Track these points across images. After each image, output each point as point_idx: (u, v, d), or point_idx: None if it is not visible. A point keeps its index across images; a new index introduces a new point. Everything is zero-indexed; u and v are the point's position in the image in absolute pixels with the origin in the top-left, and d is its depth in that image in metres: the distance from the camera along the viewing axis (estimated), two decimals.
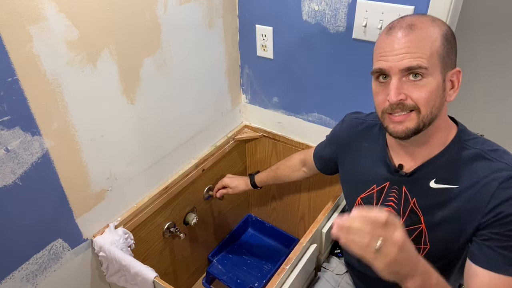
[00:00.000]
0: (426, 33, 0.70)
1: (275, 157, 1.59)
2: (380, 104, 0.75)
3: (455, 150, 0.77)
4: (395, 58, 0.70)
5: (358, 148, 0.94)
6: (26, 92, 0.82)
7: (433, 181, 0.79)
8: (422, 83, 0.70)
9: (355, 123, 0.98)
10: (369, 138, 0.92)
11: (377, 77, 0.75)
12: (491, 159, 0.73)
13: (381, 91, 0.75)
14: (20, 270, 0.95)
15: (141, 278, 1.00)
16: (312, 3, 1.16)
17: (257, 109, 1.53)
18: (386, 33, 0.73)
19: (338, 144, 1.02)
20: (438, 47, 0.70)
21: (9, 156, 0.84)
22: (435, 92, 0.71)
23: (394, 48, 0.70)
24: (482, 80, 1.80)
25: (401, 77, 0.71)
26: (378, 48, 0.74)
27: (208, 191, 1.51)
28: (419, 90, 0.70)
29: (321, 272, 1.17)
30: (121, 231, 1.11)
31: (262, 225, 1.83)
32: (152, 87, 1.12)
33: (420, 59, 0.68)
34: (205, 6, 1.20)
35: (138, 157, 1.17)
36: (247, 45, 1.40)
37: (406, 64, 0.69)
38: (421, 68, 0.69)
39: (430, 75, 0.70)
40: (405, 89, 0.71)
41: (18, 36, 0.78)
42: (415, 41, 0.69)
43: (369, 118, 0.96)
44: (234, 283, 1.57)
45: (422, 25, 0.70)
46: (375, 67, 0.74)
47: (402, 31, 0.70)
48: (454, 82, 0.75)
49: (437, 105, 0.72)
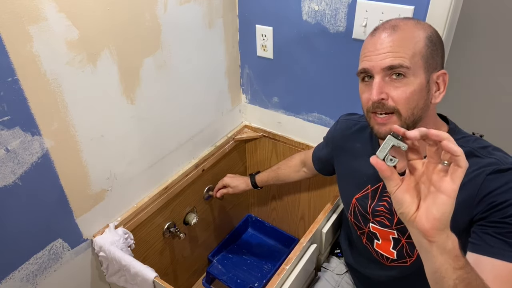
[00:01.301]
0: (409, 33, 0.72)
1: (275, 157, 1.59)
2: (365, 103, 0.77)
3: None
4: (377, 58, 0.72)
5: (352, 149, 0.95)
6: (26, 92, 0.82)
7: None
8: (404, 82, 0.71)
9: (348, 125, 0.99)
10: (362, 139, 0.94)
11: (363, 78, 0.77)
12: (481, 156, 0.74)
13: (365, 90, 0.77)
14: (20, 270, 0.95)
15: (141, 278, 1.00)
16: (312, 3, 1.16)
17: (257, 109, 1.53)
18: (371, 35, 0.76)
19: (333, 145, 1.03)
20: (422, 48, 0.71)
21: (9, 156, 0.84)
22: (418, 92, 0.71)
23: (377, 48, 0.72)
24: (481, 81, 1.80)
25: (384, 76, 0.72)
26: (363, 49, 0.76)
27: (208, 191, 1.51)
28: (400, 90, 0.71)
29: (321, 272, 1.17)
30: (121, 231, 1.11)
31: (262, 225, 1.83)
32: (152, 87, 1.12)
33: (402, 58, 0.70)
34: (205, 6, 1.20)
35: (138, 157, 1.17)
36: (247, 45, 1.40)
37: (388, 63, 0.70)
38: (402, 67, 0.70)
39: (412, 75, 0.71)
40: (387, 88, 0.72)
41: (18, 36, 0.78)
42: (398, 41, 0.71)
43: (363, 119, 0.97)
44: (234, 283, 1.57)
45: (405, 27, 0.72)
46: (360, 67, 0.76)
47: (386, 31, 0.72)
48: (440, 84, 0.75)
49: (420, 106, 0.73)
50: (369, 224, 0.92)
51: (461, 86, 1.82)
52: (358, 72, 0.77)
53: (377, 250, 0.93)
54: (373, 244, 0.94)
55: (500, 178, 0.70)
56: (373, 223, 0.91)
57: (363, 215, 0.92)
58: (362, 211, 0.92)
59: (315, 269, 1.17)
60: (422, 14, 0.99)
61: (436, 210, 0.52)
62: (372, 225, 0.91)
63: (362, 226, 0.94)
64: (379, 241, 0.92)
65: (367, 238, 0.95)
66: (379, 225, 0.89)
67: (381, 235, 0.91)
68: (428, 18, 0.98)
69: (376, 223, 0.90)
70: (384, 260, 0.93)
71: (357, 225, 0.96)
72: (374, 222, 0.90)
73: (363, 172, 0.91)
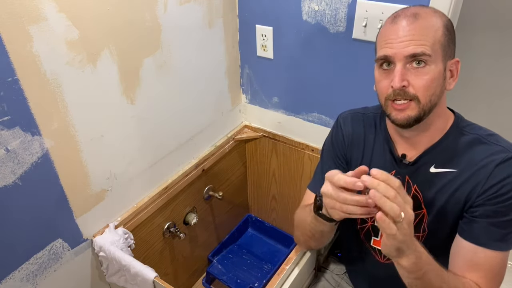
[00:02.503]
0: (429, 22, 0.72)
1: (275, 157, 1.59)
2: (384, 91, 0.76)
3: (453, 136, 0.80)
4: (400, 45, 0.71)
5: (363, 141, 0.93)
6: (26, 92, 0.82)
7: (433, 167, 0.81)
8: (425, 70, 0.72)
9: (356, 118, 0.95)
10: (372, 130, 0.92)
11: (381, 64, 0.76)
12: (488, 143, 0.76)
13: (384, 77, 0.76)
14: (20, 270, 0.95)
15: (141, 278, 1.00)
16: (312, 3, 1.16)
17: (257, 109, 1.53)
18: (391, 22, 0.74)
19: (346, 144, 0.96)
20: (441, 36, 0.72)
21: (9, 156, 0.84)
22: (436, 80, 0.73)
23: (399, 35, 0.72)
24: (483, 78, 1.80)
25: (405, 63, 0.72)
26: (383, 36, 0.75)
27: (208, 191, 1.51)
28: (421, 78, 0.72)
29: (321, 272, 1.17)
30: (121, 231, 1.11)
31: (262, 225, 1.83)
32: (152, 87, 1.12)
33: (424, 47, 0.70)
34: (205, 6, 1.20)
35: (138, 157, 1.17)
36: (247, 45, 1.40)
37: (411, 51, 0.70)
38: (425, 55, 0.70)
39: (433, 63, 0.72)
40: (408, 76, 0.72)
41: (18, 36, 0.78)
42: (419, 29, 0.71)
43: (368, 111, 0.95)
44: (234, 283, 1.57)
45: (425, 15, 0.72)
46: (380, 54, 0.75)
47: (407, 19, 0.72)
48: (453, 71, 0.77)
49: (437, 93, 0.74)
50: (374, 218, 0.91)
51: (461, 85, 1.82)
52: (377, 58, 0.76)
53: (374, 246, 0.94)
54: (370, 241, 0.94)
55: (508, 168, 0.73)
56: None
57: None
58: None
59: (315, 269, 1.17)
60: None
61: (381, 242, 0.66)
62: None
63: (367, 219, 0.93)
64: (378, 237, 0.92)
65: (366, 233, 0.95)
66: None
67: None
68: None
69: None
70: (380, 257, 0.93)
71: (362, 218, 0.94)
72: None
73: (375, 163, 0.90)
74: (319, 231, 0.84)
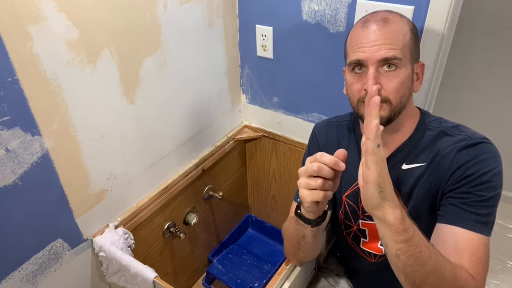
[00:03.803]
0: (398, 26, 0.75)
1: (275, 157, 1.59)
2: (356, 94, 0.78)
3: (421, 132, 0.83)
4: (372, 49, 0.74)
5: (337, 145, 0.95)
6: (26, 92, 0.82)
7: (404, 164, 0.83)
8: (396, 73, 0.74)
9: (330, 126, 0.99)
10: (346, 136, 0.95)
11: (353, 68, 0.78)
12: (453, 134, 0.79)
13: (356, 81, 0.78)
14: (20, 270, 0.95)
15: (141, 278, 1.00)
16: (312, 3, 1.16)
17: (257, 109, 1.53)
18: (362, 26, 0.77)
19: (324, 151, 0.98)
20: (409, 40, 0.75)
21: (9, 156, 0.84)
22: (406, 82, 0.76)
23: (370, 39, 0.74)
24: (482, 80, 1.80)
25: (377, 67, 0.74)
26: (354, 40, 0.77)
27: (208, 191, 1.51)
28: (392, 81, 0.74)
29: (321, 272, 1.17)
30: (121, 231, 1.11)
31: (262, 225, 1.83)
32: (152, 87, 1.12)
33: (395, 51, 0.73)
34: (205, 6, 1.20)
35: (138, 157, 1.17)
36: (247, 45, 1.40)
37: (383, 55, 0.73)
38: (396, 59, 0.73)
39: (403, 66, 0.74)
40: (380, 79, 0.75)
41: (18, 36, 0.78)
42: (390, 34, 0.74)
43: (342, 119, 0.98)
44: (234, 283, 1.57)
45: (394, 19, 0.75)
46: (352, 58, 0.77)
47: (377, 24, 0.75)
48: (419, 74, 0.81)
49: (407, 95, 0.77)
50: (358, 221, 0.92)
51: (461, 85, 1.82)
52: (349, 62, 0.78)
53: (364, 249, 0.94)
54: (359, 244, 0.95)
55: (470, 152, 0.75)
56: (363, 219, 0.91)
57: (354, 212, 0.92)
58: (354, 207, 0.92)
59: (315, 269, 1.17)
60: (422, 14, 0.99)
61: (361, 192, 0.65)
62: (362, 221, 0.92)
63: (352, 223, 0.94)
64: (366, 239, 0.92)
65: (353, 237, 0.95)
66: (370, 220, 0.90)
67: (370, 232, 0.91)
68: (428, 18, 0.98)
69: (367, 218, 0.90)
70: (371, 257, 0.94)
71: (346, 224, 0.96)
72: (364, 218, 0.91)
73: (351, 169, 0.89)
74: (302, 236, 0.85)
